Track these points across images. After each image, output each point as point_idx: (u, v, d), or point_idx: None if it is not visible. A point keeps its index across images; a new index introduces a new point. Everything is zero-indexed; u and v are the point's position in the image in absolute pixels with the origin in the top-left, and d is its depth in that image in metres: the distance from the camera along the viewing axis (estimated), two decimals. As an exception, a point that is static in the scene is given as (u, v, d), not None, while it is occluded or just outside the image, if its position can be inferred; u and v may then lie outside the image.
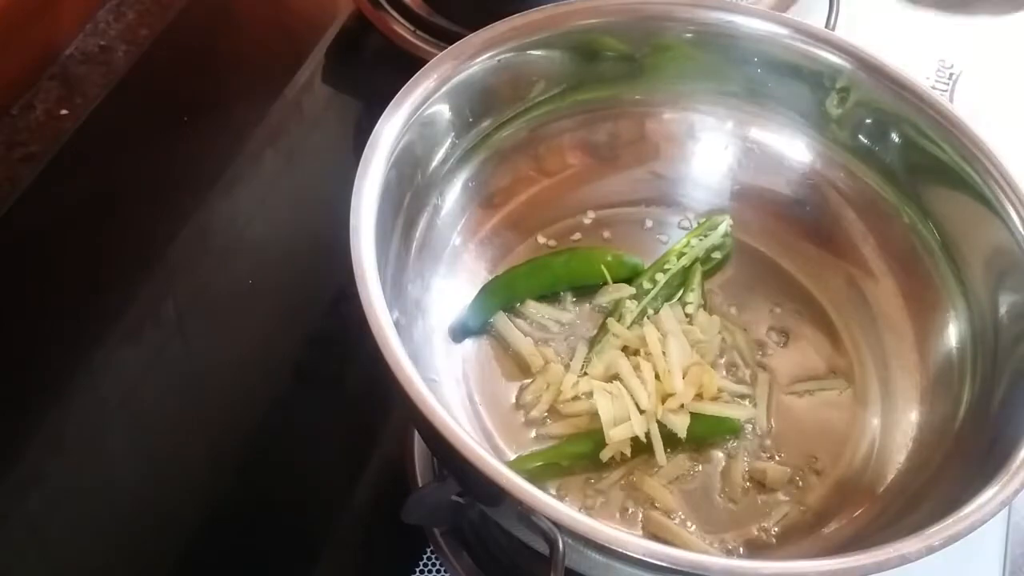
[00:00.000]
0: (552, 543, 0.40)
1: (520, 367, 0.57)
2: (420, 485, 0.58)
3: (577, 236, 0.63)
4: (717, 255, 0.62)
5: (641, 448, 0.54)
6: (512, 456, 0.54)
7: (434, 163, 0.57)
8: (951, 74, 0.82)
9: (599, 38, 0.59)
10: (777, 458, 0.55)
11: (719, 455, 0.55)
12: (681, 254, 0.61)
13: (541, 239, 0.62)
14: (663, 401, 0.54)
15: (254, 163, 0.74)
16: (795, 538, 0.52)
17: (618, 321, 0.58)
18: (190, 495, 0.58)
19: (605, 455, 0.53)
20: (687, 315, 0.59)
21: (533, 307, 0.59)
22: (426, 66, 0.54)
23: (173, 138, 0.73)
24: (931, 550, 0.41)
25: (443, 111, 0.55)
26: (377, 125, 0.51)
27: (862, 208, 0.61)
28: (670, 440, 0.54)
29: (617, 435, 0.52)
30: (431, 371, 0.54)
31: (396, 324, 0.45)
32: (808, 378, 0.58)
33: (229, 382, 0.63)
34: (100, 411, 0.61)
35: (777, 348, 0.59)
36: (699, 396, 0.55)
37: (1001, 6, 0.89)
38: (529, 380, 0.56)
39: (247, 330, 0.65)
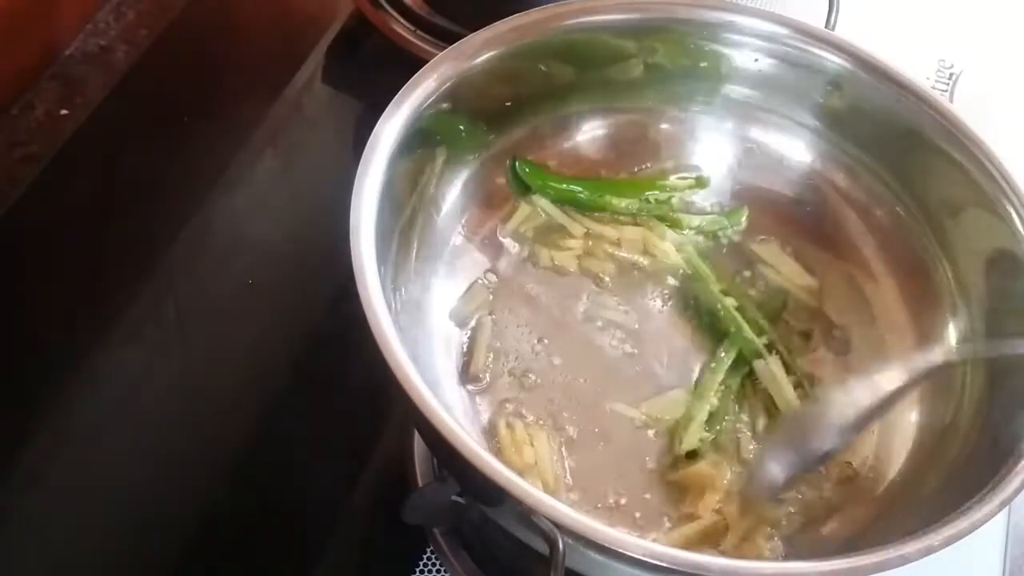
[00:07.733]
0: (552, 543, 0.40)
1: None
2: (420, 485, 0.58)
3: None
4: None
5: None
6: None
7: (434, 163, 0.57)
8: (951, 74, 0.82)
9: (599, 38, 0.59)
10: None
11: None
12: None
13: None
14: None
15: (254, 163, 0.74)
16: (795, 538, 0.52)
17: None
18: (190, 495, 0.58)
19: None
20: None
21: None
22: (426, 66, 0.54)
23: (173, 138, 0.73)
24: (931, 550, 0.41)
25: (443, 111, 0.55)
26: (377, 125, 0.51)
27: (862, 208, 0.61)
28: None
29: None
30: (431, 371, 0.54)
31: (396, 324, 0.45)
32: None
33: (229, 382, 0.63)
34: (100, 411, 0.61)
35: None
36: None
37: (1001, 6, 0.89)
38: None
39: (247, 330, 0.65)
